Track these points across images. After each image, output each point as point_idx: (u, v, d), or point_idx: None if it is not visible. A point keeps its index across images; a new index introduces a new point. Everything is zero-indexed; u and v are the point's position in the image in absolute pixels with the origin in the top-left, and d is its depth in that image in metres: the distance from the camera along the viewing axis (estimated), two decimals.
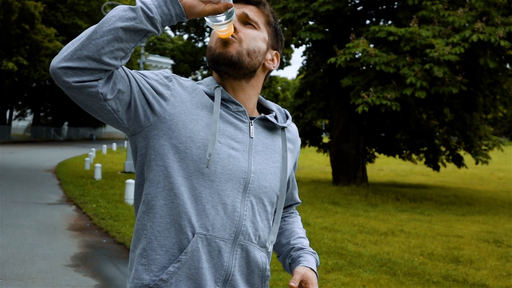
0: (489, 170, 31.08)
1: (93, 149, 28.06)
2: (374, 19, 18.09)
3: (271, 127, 1.80)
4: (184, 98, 1.66)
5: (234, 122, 1.69)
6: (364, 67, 14.71)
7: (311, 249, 1.90)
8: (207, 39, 61.04)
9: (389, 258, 7.76)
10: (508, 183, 24.25)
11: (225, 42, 1.65)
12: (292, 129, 1.93)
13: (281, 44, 1.86)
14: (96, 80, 1.42)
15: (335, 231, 9.78)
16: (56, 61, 1.41)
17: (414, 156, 21.91)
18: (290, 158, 1.84)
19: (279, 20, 1.60)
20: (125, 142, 19.81)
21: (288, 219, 2.04)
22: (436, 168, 20.90)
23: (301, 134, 7.78)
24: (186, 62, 57.52)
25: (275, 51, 1.82)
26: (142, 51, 19.77)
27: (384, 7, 17.48)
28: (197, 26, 60.96)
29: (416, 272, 7.04)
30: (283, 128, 1.82)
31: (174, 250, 1.60)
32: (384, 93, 13.48)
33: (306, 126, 20.54)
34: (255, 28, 1.73)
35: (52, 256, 7.33)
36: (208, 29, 66.16)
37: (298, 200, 2.10)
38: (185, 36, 62.59)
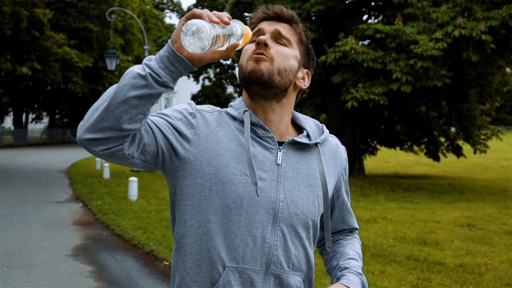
0: (494, 159, 31.46)
1: None
2: (366, 16, 18.74)
3: (303, 148, 1.75)
4: (208, 135, 1.66)
5: (261, 151, 1.67)
6: (354, 64, 15.34)
7: (358, 270, 1.79)
8: None
9: (362, 242, 8.42)
10: (509, 171, 24.68)
11: (256, 60, 1.64)
12: (331, 144, 1.86)
13: (313, 63, 1.83)
14: (121, 144, 1.48)
15: None
16: (81, 132, 1.47)
17: (415, 148, 22.47)
18: (329, 174, 1.80)
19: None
20: None
21: (342, 242, 1.96)
22: (437, 158, 21.43)
23: None
24: None
25: (306, 70, 1.79)
26: (146, 53, 20.48)
27: (373, 4, 18.12)
28: None
29: (382, 254, 7.72)
30: (316, 144, 1.77)
31: (207, 285, 1.63)
32: (372, 88, 14.14)
33: None
34: (286, 45, 1.70)
35: (55, 247, 8.12)
36: None
37: (355, 225, 1.99)
38: None
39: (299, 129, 1.83)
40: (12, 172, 19.39)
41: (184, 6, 79.90)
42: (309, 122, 1.85)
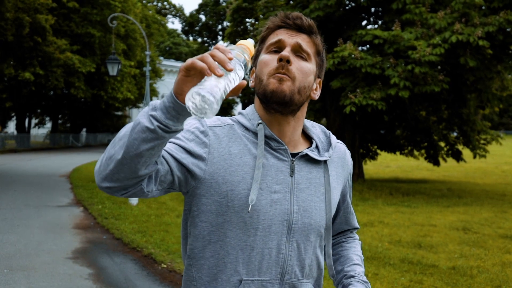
0: (495, 164, 31.55)
1: None
2: (365, 21, 18.89)
3: (314, 159, 1.77)
4: (221, 151, 1.66)
5: (274, 164, 1.70)
6: (352, 69, 15.48)
7: (363, 278, 1.89)
8: (220, 43, 61.79)
9: None
10: (509, 176, 24.76)
11: (279, 79, 1.64)
12: (339, 150, 1.89)
13: (324, 71, 1.84)
14: (140, 185, 1.50)
15: None
16: (99, 180, 1.49)
17: (415, 152, 22.58)
18: (336, 187, 1.83)
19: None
20: None
21: (345, 245, 2.04)
22: (437, 163, 21.53)
23: None
24: None
25: (319, 79, 1.80)
26: (148, 58, 20.58)
27: (373, 10, 18.27)
28: (210, 30, 61.97)
29: (377, 256, 7.84)
30: (325, 161, 1.80)
31: None
32: (371, 93, 14.29)
33: None
34: (306, 59, 1.70)
35: (55, 250, 8.25)
36: (221, 33, 66.86)
37: (356, 225, 2.07)
38: (198, 40, 63.29)
39: (308, 136, 1.86)
40: (15, 177, 19.53)
41: (187, 12, 79.95)
42: (316, 131, 1.87)
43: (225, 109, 57.42)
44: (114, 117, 59.61)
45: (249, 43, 1.54)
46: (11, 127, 60.03)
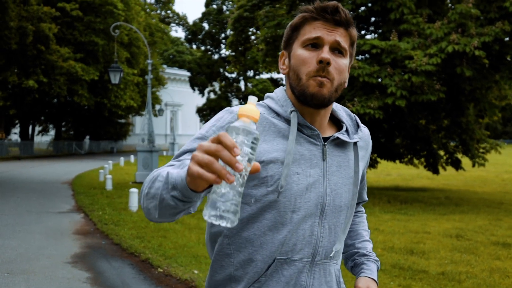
0: (496, 172, 31.62)
1: (110, 161, 29.17)
2: (364, 31, 19.09)
3: (344, 142, 1.84)
4: None
5: (308, 148, 1.75)
6: (350, 78, 15.68)
7: (374, 256, 2.03)
8: (223, 51, 61.96)
9: None
10: (509, 184, 24.84)
11: (320, 84, 1.67)
12: (364, 135, 1.96)
13: (354, 57, 1.85)
14: (187, 211, 1.55)
15: None
16: (147, 217, 1.60)
17: (415, 161, 22.69)
18: (360, 169, 1.89)
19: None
20: (138, 153, 20.82)
21: (355, 219, 2.15)
22: (436, 172, 21.62)
23: None
24: (203, 74, 58.68)
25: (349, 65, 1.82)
26: (150, 67, 20.84)
27: (373, 19, 18.48)
28: (213, 38, 62.22)
29: None
30: (355, 143, 1.86)
31: (257, 276, 1.73)
32: (368, 102, 14.48)
33: None
34: (343, 55, 1.73)
35: (55, 255, 8.45)
36: (224, 41, 67.08)
37: (366, 198, 2.16)
38: (201, 48, 63.55)
39: (332, 118, 1.92)
40: (18, 184, 19.77)
41: (190, 20, 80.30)
42: (344, 115, 1.93)
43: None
44: (117, 125, 59.89)
45: (251, 110, 1.32)
46: (15, 134, 60.31)
